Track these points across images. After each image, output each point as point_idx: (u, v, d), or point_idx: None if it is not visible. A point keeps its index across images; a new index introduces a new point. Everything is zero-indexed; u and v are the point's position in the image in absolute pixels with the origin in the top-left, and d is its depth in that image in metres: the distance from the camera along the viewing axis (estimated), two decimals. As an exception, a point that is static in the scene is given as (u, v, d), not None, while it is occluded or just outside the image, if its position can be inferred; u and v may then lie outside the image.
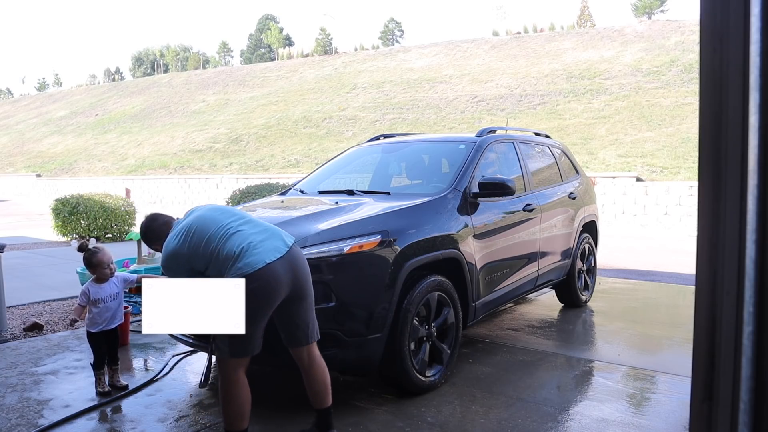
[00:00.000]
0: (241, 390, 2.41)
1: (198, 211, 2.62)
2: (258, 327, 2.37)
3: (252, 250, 2.35)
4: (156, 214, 2.78)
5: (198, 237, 2.44)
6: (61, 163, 30.53)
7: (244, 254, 2.34)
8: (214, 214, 2.53)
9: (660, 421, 2.95)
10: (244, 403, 2.42)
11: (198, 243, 2.43)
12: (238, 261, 2.33)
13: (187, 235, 2.46)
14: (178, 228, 2.54)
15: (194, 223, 2.49)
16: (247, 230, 2.45)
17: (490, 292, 3.92)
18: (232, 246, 2.37)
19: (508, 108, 22.57)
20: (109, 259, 3.41)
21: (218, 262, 2.40)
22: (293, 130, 25.72)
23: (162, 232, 2.65)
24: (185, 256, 2.45)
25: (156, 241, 2.70)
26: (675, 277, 7.19)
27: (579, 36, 30.45)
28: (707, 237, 1.14)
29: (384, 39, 49.78)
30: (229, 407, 2.42)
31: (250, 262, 2.32)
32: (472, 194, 3.80)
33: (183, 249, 2.45)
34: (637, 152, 16.09)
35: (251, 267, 2.31)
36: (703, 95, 1.14)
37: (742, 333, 1.06)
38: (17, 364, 3.92)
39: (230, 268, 2.34)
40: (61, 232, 11.17)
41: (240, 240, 2.38)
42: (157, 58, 60.72)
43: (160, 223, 2.70)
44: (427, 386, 3.28)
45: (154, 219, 2.73)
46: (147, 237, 2.74)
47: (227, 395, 2.41)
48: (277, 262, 2.35)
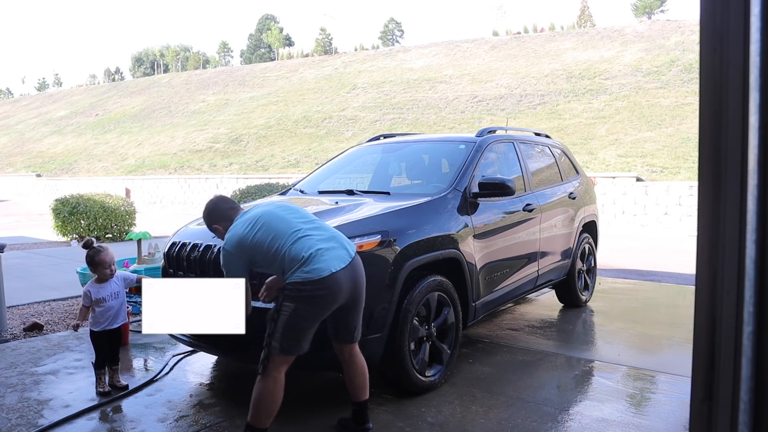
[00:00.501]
0: (280, 389, 2.48)
1: (268, 206, 2.67)
2: (312, 329, 2.47)
3: (319, 257, 2.42)
4: (225, 197, 2.83)
5: (264, 232, 2.50)
6: (61, 163, 30.53)
7: (311, 260, 2.41)
8: (283, 213, 2.59)
9: (660, 421, 2.95)
10: (278, 402, 2.49)
11: (263, 238, 2.49)
12: (304, 266, 2.40)
13: (254, 226, 2.53)
14: (246, 217, 2.60)
15: (263, 218, 2.55)
16: (315, 236, 2.51)
17: (490, 292, 3.92)
18: (300, 250, 2.43)
19: (508, 108, 22.57)
20: (112, 259, 3.43)
21: (282, 263, 2.47)
22: (293, 130, 25.72)
23: (227, 215, 2.69)
24: (248, 248, 2.51)
25: (218, 221, 2.72)
26: (675, 277, 7.19)
27: (579, 36, 30.45)
28: (707, 237, 1.14)
29: (384, 39, 49.77)
30: (263, 404, 2.46)
31: (317, 268, 2.39)
32: (472, 194, 3.80)
33: (247, 239, 2.51)
34: (637, 152, 16.09)
35: (317, 274, 2.39)
36: (703, 95, 1.14)
37: (742, 333, 1.06)
38: (17, 364, 3.92)
39: (295, 271, 2.41)
40: (61, 232, 11.17)
41: (308, 245, 2.45)
42: (157, 58, 60.71)
43: (228, 206, 2.74)
44: (427, 386, 3.28)
45: (224, 200, 2.78)
46: (212, 215, 2.75)
47: (266, 391, 2.46)
48: (341, 271, 2.44)
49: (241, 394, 3.42)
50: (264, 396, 2.45)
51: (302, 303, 2.40)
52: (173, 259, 3.47)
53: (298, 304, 2.40)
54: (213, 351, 3.40)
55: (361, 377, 2.73)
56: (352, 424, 2.80)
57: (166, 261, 3.59)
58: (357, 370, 2.73)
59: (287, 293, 2.43)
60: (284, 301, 2.43)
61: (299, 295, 2.40)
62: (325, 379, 3.61)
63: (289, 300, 2.41)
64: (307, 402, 3.27)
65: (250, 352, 3.11)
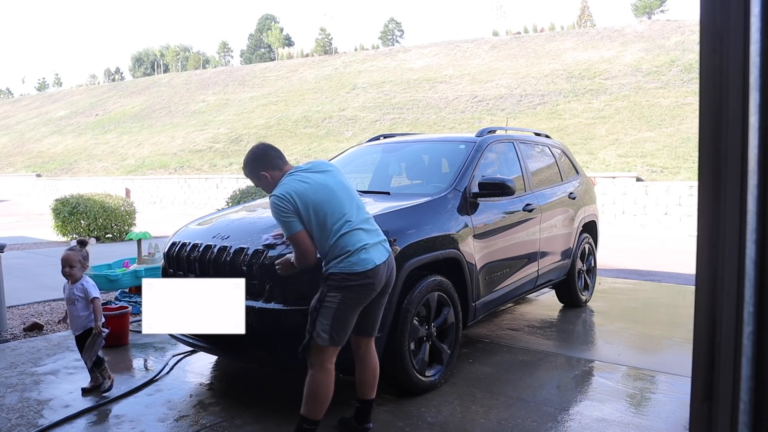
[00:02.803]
0: (331, 379, 2.54)
1: (330, 176, 2.61)
2: (355, 319, 2.56)
3: (366, 250, 2.51)
4: (273, 145, 2.73)
5: (322, 204, 2.49)
6: (61, 163, 30.53)
7: (358, 252, 2.49)
8: (342, 196, 2.57)
9: (660, 421, 2.95)
10: (331, 392, 2.55)
11: (319, 209, 2.48)
12: (351, 256, 2.48)
13: (315, 190, 2.50)
14: (304, 176, 2.54)
15: (325, 190, 2.53)
16: (364, 229, 2.56)
17: (490, 292, 3.92)
18: (349, 243, 2.49)
19: (508, 108, 22.56)
20: (71, 262, 3.35)
21: (328, 246, 2.49)
22: (293, 130, 25.71)
23: (276, 164, 2.63)
24: (303, 204, 2.46)
25: (266, 168, 2.61)
26: (675, 277, 7.18)
27: (579, 36, 30.44)
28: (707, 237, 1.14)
29: (384, 39, 49.74)
30: (319, 395, 2.52)
31: (364, 259, 2.49)
32: (472, 194, 3.80)
33: (307, 197, 2.47)
34: (637, 152, 16.09)
35: (363, 266, 2.48)
36: (703, 95, 1.14)
37: (742, 333, 1.06)
38: (17, 364, 3.92)
39: (340, 261, 2.48)
40: (61, 232, 11.17)
41: (357, 239, 2.51)
42: (157, 58, 60.68)
43: (277, 155, 2.66)
44: (427, 386, 3.28)
45: (273, 148, 2.71)
46: (261, 160, 2.63)
47: (319, 383, 2.51)
48: (381, 264, 2.54)
49: (241, 394, 3.42)
50: (320, 388, 2.52)
51: (348, 292, 2.47)
52: (173, 259, 3.47)
53: (344, 294, 2.47)
54: (213, 351, 3.41)
55: (372, 375, 2.77)
56: (353, 423, 2.81)
57: (166, 261, 3.59)
58: (370, 367, 2.76)
59: (331, 284, 2.48)
60: (329, 292, 2.47)
61: (344, 284, 2.47)
62: (325, 379, 3.60)
63: (335, 290, 2.47)
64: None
65: (250, 352, 3.12)
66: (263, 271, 2.96)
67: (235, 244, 3.14)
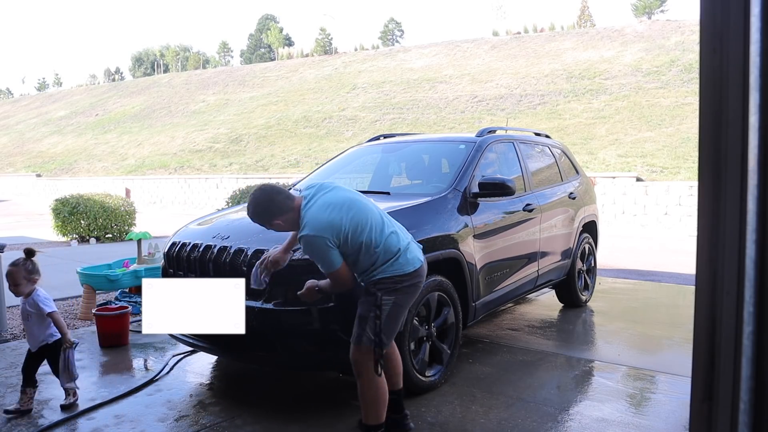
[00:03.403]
0: (383, 380, 2.55)
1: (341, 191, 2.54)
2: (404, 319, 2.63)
3: (409, 250, 2.56)
4: (274, 186, 2.53)
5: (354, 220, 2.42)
6: (61, 163, 30.53)
7: (403, 253, 2.52)
8: (365, 206, 2.53)
9: (660, 421, 2.95)
10: (386, 392, 2.56)
11: (354, 226, 2.41)
12: (399, 258, 2.50)
13: (341, 211, 2.41)
14: (324, 201, 2.43)
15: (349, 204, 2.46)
16: (395, 232, 2.57)
17: (490, 292, 3.92)
18: (393, 244, 2.51)
19: (508, 108, 22.56)
20: (15, 279, 3.11)
21: (372, 255, 2.46)
22: (293, 130, 25.71)
23: (287, 206, 2.45)
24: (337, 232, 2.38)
25: (278, 216, 2.45)
26: (675, 277, 7.18)
27: (579, 36, 30.44)
28: (707, 237, 1.14)
29: (384, 39, 49.73)
30: (380, 398, 2.53)
31: (411, 259, 2.53)
32: (472, 194, 3.80)
33: (338, 223, 2.38)
34: (637, 152, 16.09)
35: (413, 265, 2.53)
36: (703, 95, 1.14)
37: (742, 333, 1.06)
38: (17, 364, 3.91)
39: (389, 266, 2.49)
40: (61, 232, 11.17)
41: (396, 242, 2.53)
42: (157, 58, 60.67)
43: (284, 196, 2.45)
44: (427, 386, 3.28)
45: (278, 191, 2.47)
46: (270, 211, 2.44)
47: (378, 386, 2.52)
48: (424, 261, 2.64)
49: (241, 394, 3.42)
50: (380, 390, 2.53)
51: (400, 294, 2.50)
52: (173, 259, 3.47)
53: (398, 296, 2.50)
54: (213, 351, 3.41)
55: (398, 365, 2.78)
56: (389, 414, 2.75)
57: (166, 261, 3.59)
58: (394, 360, 2.76)
59: (383, 287, 2.48)
60: (384, 296, 2.47)
61: (397, 287, 2.49)
62: (325, 379, 3.61)
63: (389, 293, 2.48)
64: (307, 402, 3.27)
65: (250, 352, 3.12)
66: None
67: (235, 245, 3.14)
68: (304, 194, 2.50)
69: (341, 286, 2.51)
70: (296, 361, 3.07)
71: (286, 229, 2.52)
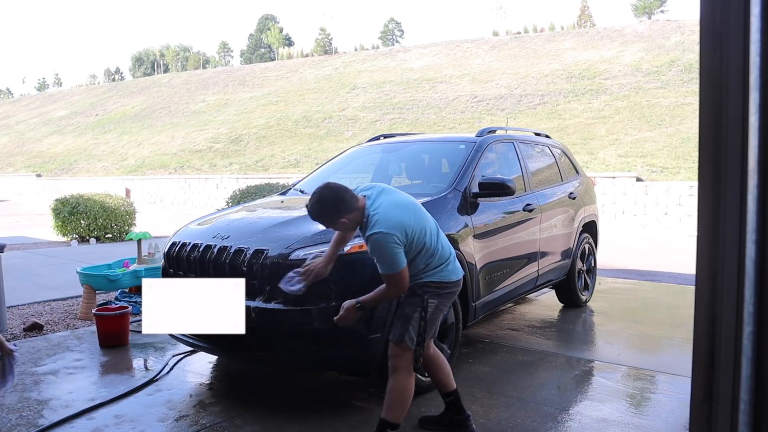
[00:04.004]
0: (413, 381, 2.60)
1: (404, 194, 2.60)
2: None
3: (455, 260, 2.65)
4: (340, 185, 2.48)
5: (418, 222, 2.49)
6: (61, 163, 30.53)
7: (452, 262, 2.63)
8: (426, 211, 2.62)
9: (660, 421, 2.95)
10: (412, 394, 2.61)
11: (418, 228, 2.48)
12: (448, 266, 2.60)
13: (409, 212, 2.48)
14: (393, 200, 2.48)
15: (413, 207, 2.54)
16: (442, 241, 2.62)
17: (490, 292, 3.92)
18: (446, 251, 2.61)
19: (508, 108, 22.56)
20: None
21: (428, 258, 2.53)
22: (293, 130, 25.71)
23: (352, 205, 2.42)
24: (409, 233, 2.41)
25: (344, 214, 2.41)
26: (675, 277, 7.18)
27: (579, 36, 30.44)
28: (707, 237, 1.14)
29: (384, 39, 49.71)
30: (405, 399, 2.57)
31: (456, 268, 2.65)
32: (472, 194, 3.80)
33: (409, 224, 2.42)
34: (637, 152, 16.09)
35: (457, 275, 2.65)
36: (703, 95, 1.14)
37: (742, 333, 1.06)
38: (17, 364, 3.91)
39: (440, 271, 2.56)
40: (61, 232, 11.17)
41: (446, 251, 2.62)
42: (157, 58, 60.67)
43: (350, 195, 2.43)
44: (427, 386, 3.27)
45: (345, 189, 2.43)
46: (338, 208, 2.40)
47: (408, 386, 2.56)
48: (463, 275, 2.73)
49: (241, 394, 3.42)
50: (408, 391, 2.56)
51: (443, 299, 2.60)
52: (173, 259, 3.47)
53: (440, 300, 2.58)
54: (213, 351, 3.41)
55: (446, 367, 2.84)
56: (451, 416, 2.82)
57: (166, 261, 3.59)
58: (439, 362, 2.81)
59: (430, 290, 2.55)
60: (429, 299, 2.54)
61: (441, 292, 2.58)
62: (325, 379, 3.61)
63: (433, 297, 2.56)
64: (307, 402, 3.27)
65: (250, 352, 3.12)
66: (263, 271, 2.96)
67: (235, 244, 3.14)
68: (366, 194, 2.51)
69: (398, 289, 2.46)
70: (296, 361, 3.07)
71: (348, 229, 2.54)
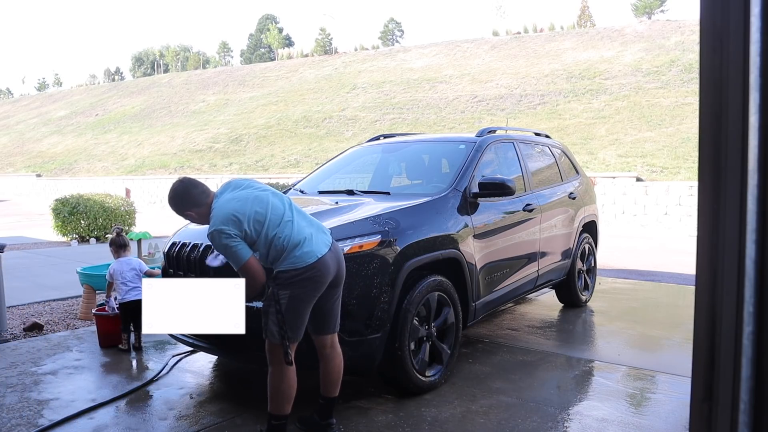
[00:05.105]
0: (292, 375, 2.56)
1: (254, 188, 2.61)
2: (308, 313, 2.57)
3: (308, 242, 2.53)
4: (193, 180, 2.65)
5: (259, 213, 2.49)
6: (61, 163, 30.53)
7: (301, 245, 2.51)
8: (272, 200, 2.57)
9: (660, 421, 2.95)
10: (293, 388, 2.58)
11: (258, 219, 2.48)
12: (296, 250, 2.50)
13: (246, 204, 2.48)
14: (232, 196, 2.53)
15: (254, 200, 2.52)
16: (300, 222, 2.57)
17: (490, 292, 3.92)
18: (290, 235, 2.51)
19: (508, 108, 22.57)
20: None
21: (275, 248, 2.50)
22: (293, 130, 25.72)
23: (200, 200, 2.57)
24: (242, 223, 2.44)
25: (191, 208, 2.59)
26: (675, 277, 7.18)
27: (579, 36, 30.44)
28: (707, 237, 1.14)
29: (384, 39, 49.72)
30: (280, 392, 2.56)
31: (307, 252, 2.50)
32: (472, 194, 3.80)
33: (243, 214, 2.45)
34: (637, 152, 16.10)
35: (309, 257, 2.49)
36: (703, 95, 1.14)
37: (742, 333, 1.06)
38: (17, 364, 3.92)
39: (286, 258, 2.49)
40: (61, 232, 11.17)
41: (298, 236, 2.52)
42: (157, 58, 60.68)
43: (199, 190, 2.59)
44: (427, 386, 3.28)
45: (194, 184, 2.61)
46: (184, 200, 2.58)
47: (280, 380, 2.54)
48: (327, 254, 2.55)
49: (241, 394, 3.42)
50: (282, 384, 2.55)
51: (296, 287, 2.48)
52: (173, 259, 3.47)
53: (293, 290, 2.48)
54: (213, 351, 3.41)
55: (338, 372, 2.78)
56: (316, 419, 2.82)
57: (166, 261, 3.59)
58: (336, 365, 2.76)
59: (280, 281, 2.49)
60: (279, 290, 2.48)
61: (293, 280, 2.48)
62: (325, 379, 3.60)
63: (284, 288, 2.48)
64: (304, 402, 3.26)
65: (250, 352, 3.12)
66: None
67: (235, 244, 3.13)
68: (216, 192, 2.62)
69: (254, 280, 2.49)
70: (295, 360, 3.07)
71: (198, 221, 2.64)
